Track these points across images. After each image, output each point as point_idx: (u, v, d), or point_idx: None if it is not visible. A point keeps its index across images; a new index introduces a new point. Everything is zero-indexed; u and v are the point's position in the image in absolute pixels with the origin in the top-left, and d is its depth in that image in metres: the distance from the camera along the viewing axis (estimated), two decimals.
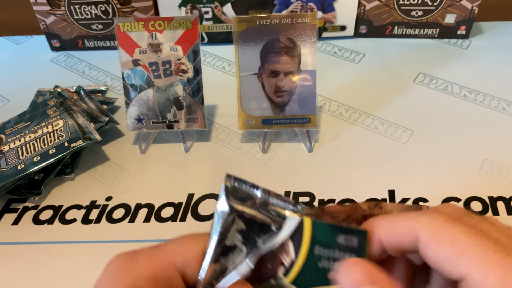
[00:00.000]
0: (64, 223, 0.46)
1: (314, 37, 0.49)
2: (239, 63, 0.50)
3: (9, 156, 0.49)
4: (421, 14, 0.68)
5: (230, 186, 0.23)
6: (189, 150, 0.54)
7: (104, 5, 0.67)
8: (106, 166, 0.52)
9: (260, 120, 0.52)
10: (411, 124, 0.55)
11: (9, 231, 0.45)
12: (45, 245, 0.44)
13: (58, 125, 0.51)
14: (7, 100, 0.64)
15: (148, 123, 0.53)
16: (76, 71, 0.69)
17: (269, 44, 0.49)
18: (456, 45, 0.70)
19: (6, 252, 0.43)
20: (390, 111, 0.58)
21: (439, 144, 0.52)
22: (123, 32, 0.51)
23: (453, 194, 0.46)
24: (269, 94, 0.51)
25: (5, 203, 0.48)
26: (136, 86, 0.52)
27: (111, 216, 0.46)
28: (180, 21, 0.50)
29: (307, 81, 0.50)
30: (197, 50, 0.51)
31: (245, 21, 0.48)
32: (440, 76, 0.64)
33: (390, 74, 0.65)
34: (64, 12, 0.68)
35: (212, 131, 0.57)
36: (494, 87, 0.61)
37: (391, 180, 0.48)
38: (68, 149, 0.48)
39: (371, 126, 0.56)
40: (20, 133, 0.51)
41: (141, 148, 0.54)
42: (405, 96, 0.60)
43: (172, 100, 0.52)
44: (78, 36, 0.72)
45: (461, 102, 0.59)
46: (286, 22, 0.48)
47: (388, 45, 0.71)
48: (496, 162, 0.49)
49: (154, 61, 0.51)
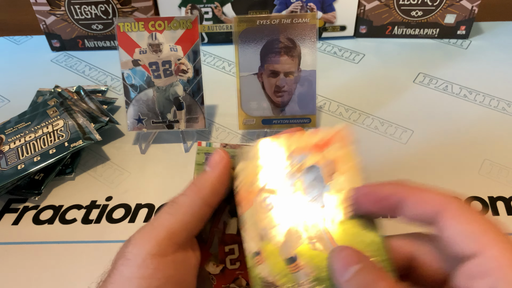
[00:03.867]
0: (64, 223, 0.46)
1: (314, 37, 0.49)
2: (239, 63, 0.50)
3: (9, 156, 0.49)
4: (421, 14, 0.68)
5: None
6: (189, 150, 0.54)
7: (104, 5, 0.67)
8: (106, 166, 0.52)
9: (260, 120, 0.52)
10: (411, 124, 0.55)
11: (9, 231, 0.45)
12: (45, 245, 0.44)
13: (58, 125, 0.51)
14: (7, 100, 0.65)
15: (148, 123, 0.53)
16: (76, 71, 0.69)
17: (269, 44, 0.49)
18: (456, 45, 0.70)
19: (6, 252, 0.43)
20: (390, 111, 0.58)
21: (439, 144, 0.52)
22: (123, 32, 0.51)
23: (453, 194, 0.46)
24: (269, 94, 0.51)
25: (5, 203, 0.48)
26: (136, 86, 0.52)
27: (111, 216, 0.46)
28: (180, 21, 0.50)
29: (307, 81, 0.50)
30: (197, 50, 0.51)
31: (245, 21, 0.48)
32: (440, 76, 0.64)
33: (390, 74, 0.65)
34: (64, 12, 0.69)
35: (212, 131, 0.57)
36: (494, 87, 0.61)
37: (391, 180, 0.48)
38: (68, 149, 0.48)
39: (371, 126, 0.56)
40: (20, 133, 0.51)
41: (141, 148, 0.54)
42: (405, 96, 0.60)
43: (172, 100, 0.52)
44: (78, 36, 0.72)
45: (461, 102, 0.59)
46: (286, 22, 0.48)
47: (388, 45, 0.71)
48: (496, 162, 0.49)
49: (154, 61, 0.51)
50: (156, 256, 0.24)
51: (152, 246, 0.24)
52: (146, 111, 0.52)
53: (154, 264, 0.24)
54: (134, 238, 0.25)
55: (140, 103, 0.52)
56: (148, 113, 0.52)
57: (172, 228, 0.25)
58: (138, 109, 0.52)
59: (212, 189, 0.27)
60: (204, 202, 0.26)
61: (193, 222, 0.26)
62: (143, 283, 0.23)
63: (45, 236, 0.45)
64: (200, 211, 0.26)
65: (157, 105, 0.52)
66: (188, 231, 0.26)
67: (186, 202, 0.26)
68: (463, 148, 0.51)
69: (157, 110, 0.52)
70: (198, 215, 0.26)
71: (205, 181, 0.27)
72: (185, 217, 0.26)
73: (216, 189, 0.27)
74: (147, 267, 0.24)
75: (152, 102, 0.52)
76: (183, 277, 0.25)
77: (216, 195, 0.27)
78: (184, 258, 0.26)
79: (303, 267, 0.24)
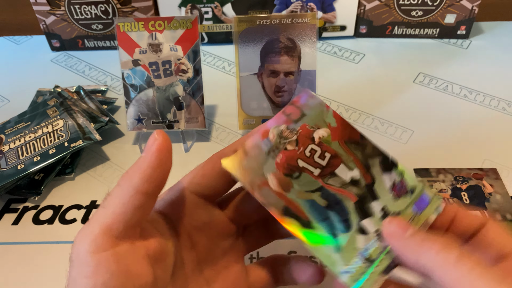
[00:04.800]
0: (64, 223, 0.46)
1: (314, 37, 0.49)
2: (239, 63, 0.50)
3: (9, 156, 0.49)
4: (421, 14, 0.68)
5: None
6: (189, 150, 0.54)
7: (104, 5, 0.67)
8: (106, 166, 0.52)
9: (260, 120, 0.52)
10: (411, 124, 0.55)
11: (9, 231, 0.45)
12: (45, 245, 0.44)
13: (58, 125, 0.51)
14: (7, 100, 0.64)
15: (148, 123, 0.53)
16: (76, 71, 0.69)
17: (269, 44, 0.49)
18: (456, 45, 0.70)
19: (6, 252, 0.43)
20: (390, 111, 0.58)
21: (439, 144, 0.52)
22: (123, 32, 0.51)
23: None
24: (269, 94, 0.51)
25: (5, 203, 0.48)
26: (136, 86, 0.52)
27: None
28: (180, 21, 0.50)
29: (307, 81, 0.50)
30: (197, 50, 0.51)
31: (245, 21, 0.48)
32: (440, 76, 0.64)
33: (390, 74, 0.65)
34: (64, 12, 0.68)
35: (212, 131, 0.57)
36: (494, 87, 0.61)
37: None
38: (68, 149, 0.48)
39: (371, 126, 0.56)
40: (20, 133, 0.51)
41: (141, 148, 0.54)
42: (405, 96, 0.60)
43: (172, 100, 0.52)
44: (78, 36, 0.72)
45: (461, 102, 0.59)
46: (286, 22, 0.48)
47: (388, 45, 0.71)
48: (496, 162, 0.49)
49: (154, 61, 0.51)
50: (95, 253, 0.23)
51: (89, 244, 0.24)
52: (146, 111, 0.52)
53: (94, 261, 0.23)
54: (74, 239, 0.25)
55: (140, 103, 0.52)
56: (148, 113, 0.52)
57: (105, 223, 0.24)
58: (138, 109, 0.52)
59: (144, 175, 0.25)
60: (136, 189, 0.25)
61: (127, 212, 0.24)
62: (88, 282, 0.23)
63: (45, 236, 0.45)
64: (132, 199, 0.25)
65: (157, 105, 0.52)
66: (124, 222, 0.24)
67: (118, 193, 0.25)
68: (463, 148, 0.51)
69: (157, 110, 0.52)
70: (130, 204, 0.24)
71: (136, 168, 0.25)
72: (117, 209, 0.24)
73: (148, 174, 0.25)
74: (88, 265, 0.23)
75: (152, 102, 0.52)
76: (131, 269, 0.24)
77: (150, 181, 0.25)
78: (128, 249, 0.25)
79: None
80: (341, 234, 0.27)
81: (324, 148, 0.29)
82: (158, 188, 0.26)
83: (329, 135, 0.29)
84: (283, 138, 0.29)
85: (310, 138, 0.29)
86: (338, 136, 0.29)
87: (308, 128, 0.29)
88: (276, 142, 0.29)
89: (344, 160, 0.29)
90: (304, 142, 0.29)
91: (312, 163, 0.29)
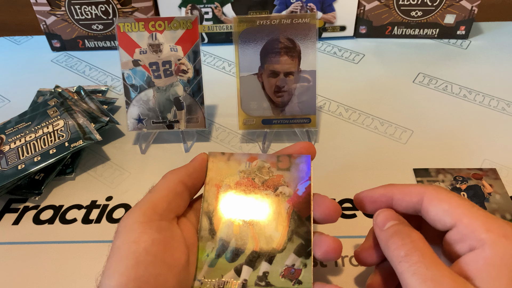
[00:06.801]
0: (65, 223, 0.46)
1: (314, 37, 0.49)
2: (239, 63, 0.50)
3: (10, 156, 0.49)
4: (420, 14, 0.69)
5: None
6: (189, 150, 0.54)
7: (104, 6, 0.68)
8: (107, 166, 0.52)
9: (260, 120, 0.52)
10: (411, 124, 0.55)
11: (10, 231, 0.46)
12: (45, 245, 0.44)
13: (59, 125, 0.51)
14: (8, 100, 0.65)
15: (148, 123, 0.53)
16: (76, 71, 0.69)
17: (269, 44, 0.49)
18: (456, 45, 0.70)
19: (6, 252, 0.43)
20: (390, 111, 0.58)
21: (438, 144, 0.52)
22: (123, 32, 0.51)
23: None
24: (269, 94, 0.51)
25: (5, 203, 0.48)
26: (137, 86, 0.52)
27: (111, 216, 0.46)
28: (180, 21, 0.50)
29: (307, 81, 0.50)
30: (197, 50, 0.51)
31: (245, 21, 0.49)
32: (440, 76, 0.64)
33: (390, 74, 0.65)
34: (64, 13, 0.69)
35: (212, 131, 0.57)
36: (494, 87, 0.61)
37: (391, 180, 0.48)
38: (68, 149, 0.49)
39: (371, 126, 0.56)
40: (20, 133, 0.52)
41: (141, 148, 0.54)
42: (405, 96, 0.60)
43: (172, 100, 0.52)
44: (78, 36, 0.72)
45: (461, 102, 0.59)
46: (286, 22, 0.48)
47: (388, 45, 0.71)
48: (496, 162, 0.49)
49: (154, 61, 0.51)
50: (142, 222, 0.29)
51: (138, 215, 0.29)
52: (146, 111, 0.52)
53: (140, 229, 0.28)
54: (123, 216, 0.30)
55: (140, 103, 0.52)
56: (148, 113, 0.53)
57: (153, 201, 0.31)
58: (138, 109, 0.52)
59: (188, 172, 0.34)
60: (179, 180, 0.33)
61: (170, 195, 0.31)
62: (132, 246, 0.27)
63: (45, 236, 0.45)
64: (175, 186, 0.32)
65: (157, 105, 0.52)
66: (167, 203, 0.31)
67: (164, 182, 0.33)
68: (463, 148, 0.52)
69: (157, 110, 0.52)
70: (173, 190, 0.32)
71: (182, 167, 0.34)
72: (163, 192, 0.31)
73: (191, 172, 0.34)
74: (135, 232, 0.28)
75: (152, 102, 0.52)
76: (169, 241, 0.29)
77: (191, 177, 0.34)
78: (168, 226, 0.30)
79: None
80: (222, 259, 0.32)
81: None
82: (195, 187, 0.34)
83: (289, 196, 0.34)
84: (259, 171, 0.35)
85: (274, 187, 0.34)
86: (294, 202, 0.34)
87: (281, 180, 0.35)
88: (252, 170, 0.35)
89: (279, 220, 0.33)
90: (268, 186, 0.34)
91: (258, 196, 0.35)
